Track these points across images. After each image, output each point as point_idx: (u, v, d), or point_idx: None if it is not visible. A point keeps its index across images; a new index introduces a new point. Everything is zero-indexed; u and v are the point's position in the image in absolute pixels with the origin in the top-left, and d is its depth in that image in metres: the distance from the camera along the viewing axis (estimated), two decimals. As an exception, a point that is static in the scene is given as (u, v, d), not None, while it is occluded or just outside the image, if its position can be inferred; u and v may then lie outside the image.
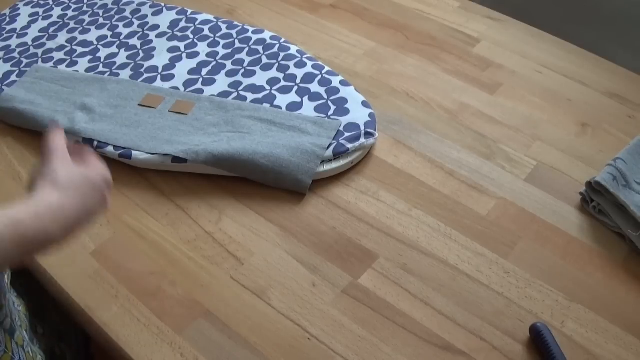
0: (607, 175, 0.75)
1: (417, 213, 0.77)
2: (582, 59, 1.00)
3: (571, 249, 0.73)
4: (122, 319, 0.67)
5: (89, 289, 0.69)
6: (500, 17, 1.09)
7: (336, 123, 0.84)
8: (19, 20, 1.08)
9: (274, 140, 0.81)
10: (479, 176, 0.81)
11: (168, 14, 1.06)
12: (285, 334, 0.66)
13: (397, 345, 0.64)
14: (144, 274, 0.71)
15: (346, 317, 0.67)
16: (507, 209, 0.77)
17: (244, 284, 0.70)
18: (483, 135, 0.87)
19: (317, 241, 0.74)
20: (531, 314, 0.67)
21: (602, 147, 0.85)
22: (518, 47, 1.02)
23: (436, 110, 0.91)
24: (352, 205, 0.78)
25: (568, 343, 0.64)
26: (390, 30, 1.06)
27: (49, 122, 0.84)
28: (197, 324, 0.66)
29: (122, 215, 0.77)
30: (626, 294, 0.69)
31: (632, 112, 0.90)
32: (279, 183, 0.79)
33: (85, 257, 0.72)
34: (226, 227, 0.76)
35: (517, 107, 0.91)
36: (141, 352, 0.64)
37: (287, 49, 0.97)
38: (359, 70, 0.97)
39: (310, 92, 0.90)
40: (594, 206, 0.76)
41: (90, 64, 0.97)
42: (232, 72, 0.94)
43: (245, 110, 0.86)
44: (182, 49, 0.99)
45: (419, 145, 0.85)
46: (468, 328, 0.66)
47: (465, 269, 0.71)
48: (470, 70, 0.97)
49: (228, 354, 0.64)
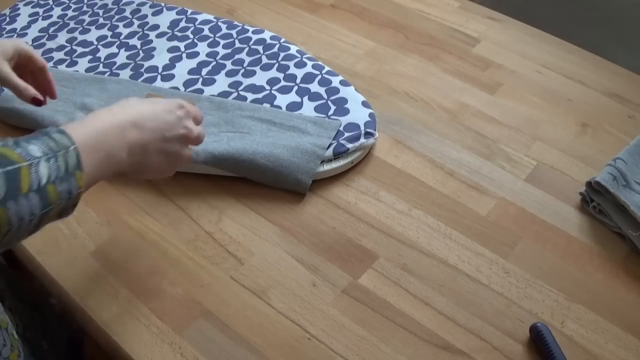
0: (607, 175, 0.75)
1: (417, 213, 0.77)
2: (582, 59, 1.00)
3: (571, 249, 0.73)
4: (122, 319, 0.67)
5: (89, 289, 0.69)
6: (500, 17, 1.09)
7: (336, 123, 0.84)
8: (19, 20, 1.08)
9: (274, 140, 0.81)
10: (479, 176, 0.81)
11: (168, 14, 1.06)
12: (285, 334, 0.66)
13: (397, 345, 0.64)
14: (144, 274, 0.71)
15: (346, 317, 0.67)
16: (507, 209, 0.77)
17: (244, 284, 0.70)
18: (483, 135, 0.87)
19: (317, 241, 0.74)
20: (531, 314, 0.67)
21: (602, 147, 0.85)
22: (518, 47, 1.02)
23: (436, 110, 0.91)
24: (352, 205, 0.78)
25: (568, 343, 0.64)
26: (390, 30, 1.06)
27: (49, 122, 0.84)
28: (197, 324, 0.66)
29: (122, 215, 0.77)
30: (626, 294, 0.69)
31: (632, 112, 0.91)
32: (279, 183, 0.79)
33: (85, 257, 0.72)
34: (226, 227, 0.76)
35: (517, 107, 0.91)
36: (141, 352, 0.64)
37: (287, 49, 0.97)
38: (359, 70, 0.97)
39: (310, 92, 0.90)
40: (594, 206, 0.76)
41: (90, 64, 0.97)
42: (232, 72, 0.94)
43: (245, 110, 0.86)
44: (182, 49, 0.99)
45: (419, 145, 0.85)
46: (468, 328, 0.66)
47: (465, 269, 0.71)
48: (470, 70, 0.97)
49: (228, 354, 0.64)
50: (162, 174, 0.65)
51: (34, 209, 0.49)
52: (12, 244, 0.51)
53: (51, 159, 0.51)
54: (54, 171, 0.50)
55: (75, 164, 0.52)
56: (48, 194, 0.50)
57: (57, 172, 0.51)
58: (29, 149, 0.50)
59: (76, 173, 0.52)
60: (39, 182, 0.49)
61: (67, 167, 0.52)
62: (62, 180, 0.51)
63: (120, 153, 0.57)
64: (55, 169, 0.50)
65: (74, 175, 0.52)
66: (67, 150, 0.52)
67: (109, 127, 0.57)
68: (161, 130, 0.61)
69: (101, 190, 0.80)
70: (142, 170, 0.62)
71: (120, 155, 0.57)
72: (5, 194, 0.47)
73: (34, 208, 0.49)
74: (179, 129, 0.62)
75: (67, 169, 0.52)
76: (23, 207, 0.48)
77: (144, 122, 0.60)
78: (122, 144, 0.57)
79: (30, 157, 0.50)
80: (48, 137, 0.52)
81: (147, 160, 0.61)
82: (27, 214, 0.48)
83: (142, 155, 0.59)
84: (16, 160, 0.49)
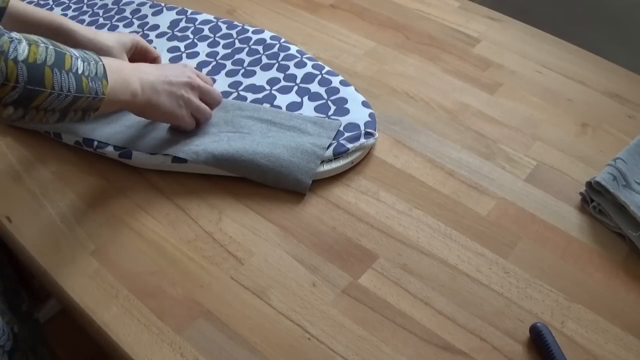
0: (607, 175, 0.75)
1: (417, 213, 0.77)
2: (582, 59, 1.00)
3: (571, 249, 0.73)
4: (122, 319, 0.67)
5: (89, 289, 0.69)
6: (500, 17, 1.09)
7: (336, 123, 0.84)
8: (19, 20, 1.08)
9: (274, 140, 0.81)
10: (479, 176, 0.81)
11: (168, 14, 1.06)
12: (285, 334, 0.66)
13: (397, 345, 0.64)
14: (144, 274, 0.71)
15: (346, 317, 0.67)
16: (507, 209, 0.77)
17: (244, 284, 0.70)
18: (483, 135, 0.87)
19: (317, 241, 0.74)
20: (531, 314, 0.67)
21: (602, 147, 0.85)
22: (518, 47, 1.02)
23: (436, 110, 0.91)
24: (352, 205, 0.78)
25: (568, 343, 0.64)
26: (390, 30, 1.06)
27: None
28: (197, 324, 0.66)
29: (122, 215, 0.77)
30: (626, 294, 0.69)
31: (632, 112, 0.91)
32: (279, 183, 0.79)
33: (85, 257, 0.72)
34: (226, 227, 0.76)
35: (517, 107, 0.91)
36: (141, 352, 0.64)
37: (287, 49, 0.97)
38: (359, 70, 0.97)
39: (310, 92, 0.90)
40: (594, 206, 0.76)
41: (90, 64, 0.97)
42: (232, 72, 0.94)
43: (245, 110, 0.86)
44: (182, 49, 0.99)
45: (419, 145, 0.85)
46: (468, 328, 0.66)
47: (465, 269, 0.71)
48: (470, 70, 0.97)
49: (228, 354, 0.64)
50: (177, 119, 0.77)
51: (71, 87, 0.61)
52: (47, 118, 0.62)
53: (85, 62, 0.63)
54: (86, 69, 0.63)
55: (102, 74, 0.65)
56: (82, 82, 0.62)
57: (89, 72, 0.63)
58: (70, 49, 0.64)
59: (102, 81, 0.65)
60: (77, 69, 0.62)
61: (96, 72, 0.64)
62: (92, 80, 0.63)
63: (134, 84, 0.69)
64: (87, 69, 0.63)
65: (100, 81, 0.64)
66: (97, 62, 0.65)
67: (124, 64, 0.72)
68: (166, 75, 0.74)
69: (101, 190, 0.80)
70: (156, 109, 0.73)
71: (134, 86, 0.69)
72: (54, 62, 0.60)
73: (70, 86, 0.61)
74: (183, 77, 0.76)
75: (97, 74, 0.64)
76: (64, 79, 0.60)
77: (151, 69, 0.74)
78: (135, 78, 0.70)
79: (72, 52, 0.63)
80: (81, 50, 0.65)
81: (158, 100, 0.73)
82: (65, 87, 0.60)
83: (152, 93, 0.72)
84: (65, 49, 0.62)
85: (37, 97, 0.59)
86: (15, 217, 0.76)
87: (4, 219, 0.76)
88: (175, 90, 0.74)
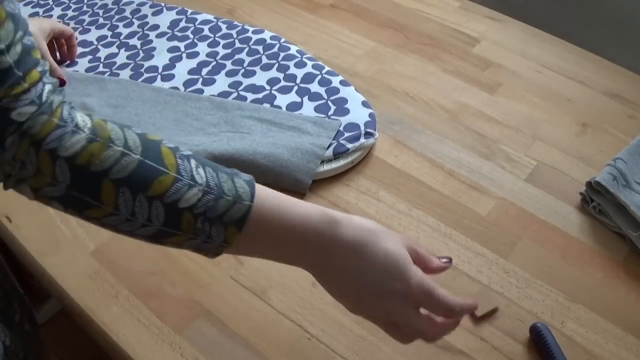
0: (607, 175, 0.75)
1: (417, 213, 0.77)
2: (582, 59, 1.00)
3: (571, 249, 0.73)
4: (122, 319, 0.67)
5: (89, 289, 0.69)
6: (500, 17, 1.09)
7: (336, 123, 0.84)
8: (19, 20, 1.08)
9: (273, 140, 0.81)
10: (479, 176, 0.81)
11: (168, 14, 1.06)
12: (285, 334, 0.65)
13: (397, 345, 0.64)
14: (144, 274, 0.71)
15: (346, 317, 0.67)
16: (507, 209, 0.77)
17: (244, 284, 0.70)
18: (483, 135, 0.87)
19: (317, 241, 0.74)
20: (531, 314, 0.67)
21: (602, 147, 0.85)
22: (518, 47, 1.02)
23: (436, 110, 0.91)
24: (352, 205, 0.78)
25: (568, 343, 0.64)
26: (390, 30, 1.06)
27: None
28: (197, 324, 0.66)
29: (122, 215, 0.77)
30: (626, 294, 0.69)
31: (632, 112, 0.90)
32: (279, 183, 0.79)
33: (85, 257, 0.72)
34: (226, 227, 0.76)
35: (517, 107, 0.91)
36: (141, 352, 0.64)
37: (287, 49, 0.97)
38: (359, 70, 0.97)
39: (310, 92, 0.90)
40: (594, 206, 0.76)
41: (90, 64, 0.97)
42: (232, 72, 0.94)
43: (245, 110, 0.86)
44: (182, 49, 0.99)
45: (419, 145, 0.85)
46: (468, 328, 0.66)
47: (465, 269, 0.71)
48: (470, 70, 0.97)
49: (228, 354, 0.64)
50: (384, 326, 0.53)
51: (153, 217, 0.44)
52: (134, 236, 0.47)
53: (208, 195, 0.46)
54: (202, 205, 0.45)
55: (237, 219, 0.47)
56: (181, 218, 0.45)
57: (205, 208, 0.46)
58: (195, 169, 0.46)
59: (229, 227, 0.47)
60: (175, 200, 0.45)
61: (224, 213, 0.46)
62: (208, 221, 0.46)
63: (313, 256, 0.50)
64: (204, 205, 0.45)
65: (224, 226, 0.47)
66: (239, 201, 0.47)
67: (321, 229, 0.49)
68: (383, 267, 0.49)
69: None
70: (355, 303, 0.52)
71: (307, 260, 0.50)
72: (126, 178, 0.42)
73: (152, 216, 0.44)
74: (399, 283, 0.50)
75: (222, 216, 0.46)
76: (139, 205, 0.44)
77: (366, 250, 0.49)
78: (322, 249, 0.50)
79: (187, 175, 0.45)
80: (229, 176, 0.48)
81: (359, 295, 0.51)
82: (140, 215, 0.44)
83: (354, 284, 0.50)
84: (166, 166, 0.45)
85: (89, 209, 0.44)
86: (15, 217, 0.76)
87: (4, 219, 0.76)
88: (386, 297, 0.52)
